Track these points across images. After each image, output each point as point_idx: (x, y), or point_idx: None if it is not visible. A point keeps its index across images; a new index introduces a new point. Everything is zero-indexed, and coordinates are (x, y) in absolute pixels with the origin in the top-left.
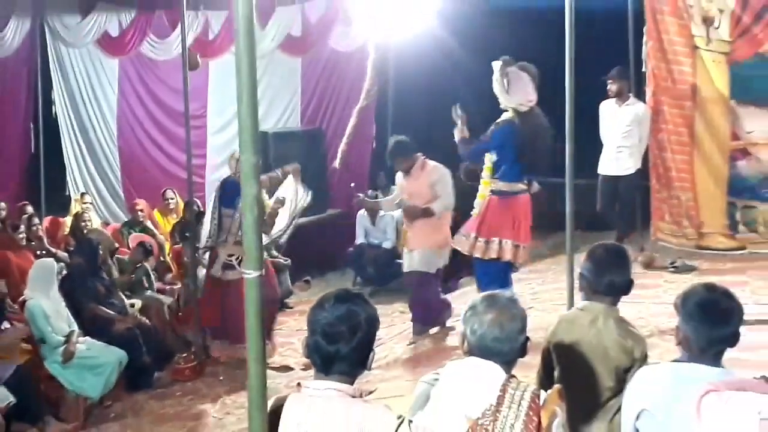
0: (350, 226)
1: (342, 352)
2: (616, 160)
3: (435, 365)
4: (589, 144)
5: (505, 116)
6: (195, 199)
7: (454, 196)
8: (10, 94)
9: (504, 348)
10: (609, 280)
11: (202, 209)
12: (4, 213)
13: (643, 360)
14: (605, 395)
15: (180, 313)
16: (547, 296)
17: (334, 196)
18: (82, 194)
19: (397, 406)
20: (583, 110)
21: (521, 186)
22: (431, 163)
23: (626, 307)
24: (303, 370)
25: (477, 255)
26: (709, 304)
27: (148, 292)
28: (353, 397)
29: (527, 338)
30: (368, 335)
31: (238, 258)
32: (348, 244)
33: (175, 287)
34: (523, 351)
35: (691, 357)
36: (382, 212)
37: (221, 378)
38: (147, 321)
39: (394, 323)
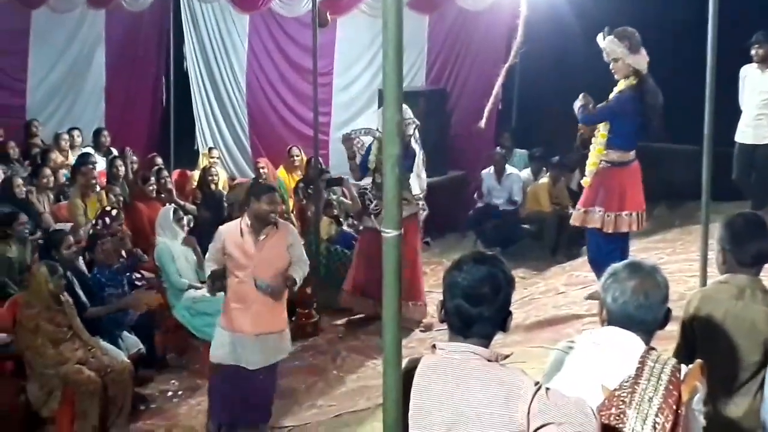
0: (470, 188)
1: (485, 314)
2: (755, 127)
3: (557, 332)
4: (725, 110)
5: (625, 83)
6: (318, 158)
7: None
8: (143, 47)
9: (647, 317)
10: (755, 250)
11: (325, 167)
12: (135, 165)
13: None
14: (751, 370)
15: None
16: (676, 267)
17: (454, 157)
18: (210, 149)
19: None
20: (720, 74)
21: (630, 155)
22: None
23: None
24: (422, 331)
25: (577, 224)
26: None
27: None
28: (489, 360)
29: (669, 309)
30: (508, 296)
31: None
32: (468, 205)
33: None
34: (664, 321)
35: None
36: (508, 170)
37: (340, 335)
38: None
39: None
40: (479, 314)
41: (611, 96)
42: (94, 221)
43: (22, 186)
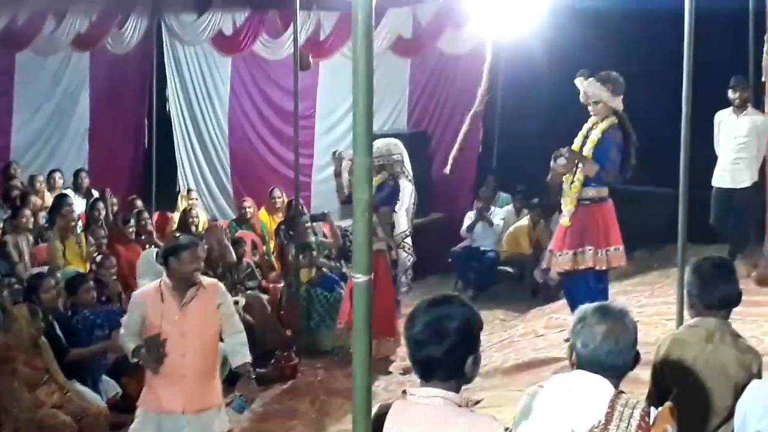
0: (452, 230)
1: (434, 357)
2: (732, 171)
3: (536, 375)
4: (702, 153)
5: (607, 122)
6: (300, 199)
7: None
8: (127, 90)
9: (617, 362)
10: (722, 294)
11: (305, 210)
12: (116, 207)
13: (759, 376)
14: (723, 415)
15: (281, 312)
16: (654, 309)
17: (436, 199)
18: (189, 191)
19: (499, 416)
20: (698, 118)
21: (606, 190)
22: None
23: (737, 325)
24: (402, 374)
25: (567, 268)
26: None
27: (251, 290)
28: (459, 406)
29: (638, 352)
30: (461, 338)
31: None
32: (449, 248)
33: (278, 286)
34: (633, 364)
35: None
36: (493, 210)
37: (319, 378)
38: (250, 318)
39: (495, 331)
40: (448, 358)
41: (595, 137)
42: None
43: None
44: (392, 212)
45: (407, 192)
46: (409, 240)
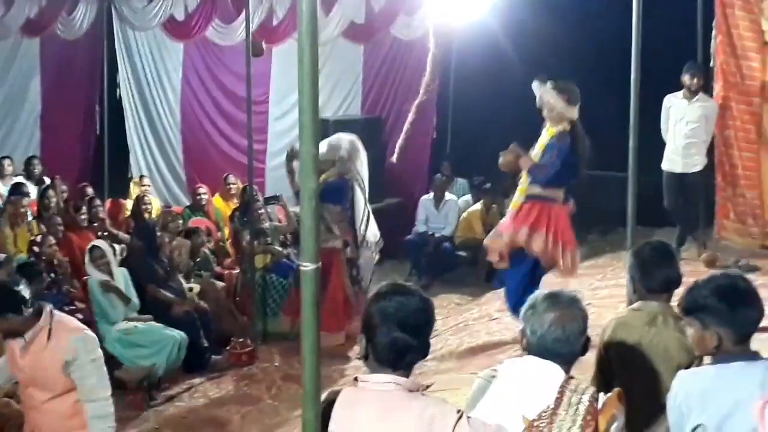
0: (407, 216)
1: (420, 343)
2: (684, 156)
3: (490, 358)
4: (650, 137)
5: (559, 128)
6: (254, 185)
7: None
8: (78, 76)
9: (564, 349)
10: (662, 277)
11: (259, 196)
12: (66, 195)
13: (701, 358)
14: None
15: (237, 298)
16: (606, 292)
17: (391, 185)
18: (141, 177)
19: (451, 400)
20: (647, 101)
21: (558, 193)
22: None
23: None
24: (358, 358)
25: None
26: (731, 288)
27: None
28: (411, 390)
29: (588, 338)
30: (427, 326)
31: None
32: (404, 233)
33: (234, 272)
34: (583, 350)
35: (727, 356)
36: (447, 196)
37: (276, 364)
38: (205, 305)
39: (450, 315)
40: (415, 344)
41: (544, 141)
42: (27, 256)
43: None
44: (344, 210)
45: (358, 198)
46: (373, 238)
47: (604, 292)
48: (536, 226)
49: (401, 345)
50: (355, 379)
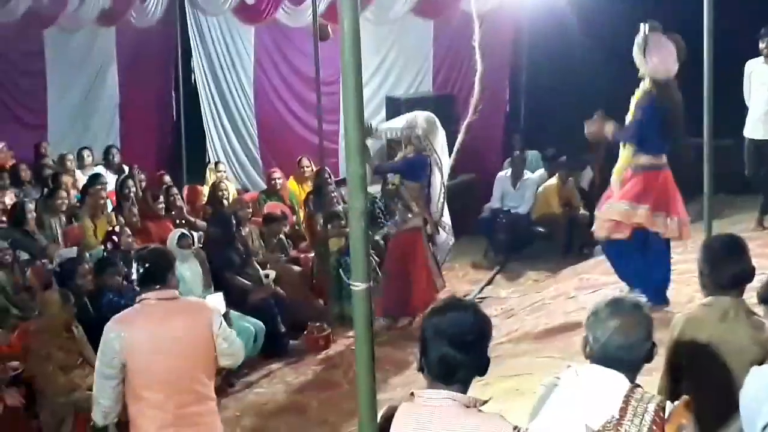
0: (481, 192)
1: (471, 361)
2: (765, 122)
3: (567, 340)
4: (732, 103)
5: (642, 88)
6: (326, 168)
7: None
8: (153, 63)
9: (627, 357)
10: (732, 273)
11: (332, 177)
12: (144, 183)
13: None
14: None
15: (314, 282)
16: (686, 267)
17: (464, 161)
18: (216, 163)
19: (525, 385)
20: (727, 69)
21: (664, 160)
22: None
23: None
24: (417, 371)
25: (615, 218)
26: None
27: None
28: (467, 407)
29: (653, 344)
30: (489, 343)
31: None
32: (479, 210)
33: (309, 256)
34: (648, 357)
35: None
36: (526, 174)
37: (353, 348)
38: (281, 290)
39: (527, 292)
40: (466, 361)
41: (633, 103)
42: (102, 246)
43: (33, 212)
44: (423, 188)
45: (436, 176)
46: (447, 220)
47: (683, 266)
48: (640, 199)
49: (451, 361)
50: (411, 393)
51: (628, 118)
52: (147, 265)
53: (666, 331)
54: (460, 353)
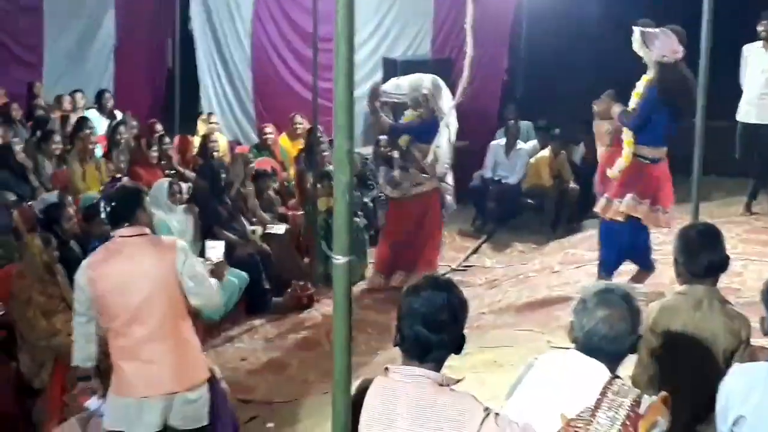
0: (474, 160)
1: (444, 340)
2: (758, 107)
3: (548, 314)
4: (726, 86)
5: (644, 79)
6: (318, 125)
7: None
8: (149, 8)
9: (611, 348)
10: (707, 261)
11: (325, 136)
12: (136, 131)
13: (747, 342)
14: (716, 382)
15: (301, 239)
16: (669, 249)
17: (459, 127)
18: (209, 114)
19: (504, 357)
20: (723, 52)
21: (664, 150)
22: None
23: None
24: (395, 345)
25: (610, 216)
26: None
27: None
28: (441, 385)
29: (639, 336)
30: (464, 322)
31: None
32: (470, 178)
33: (298, 213)
34: (632, 349)
35: None
36: (519, 144)
37: None
38: (267, 247)
39: (513, 264)
40: (439, 341)
41: (638, 89)
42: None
43: (23, 153)
44: (431, 148)
45: (443, 134)
46: (450, 180)
47: (668, 247)
48: (635, 192)
49: (424, 341)
50: (386, 369)
51: (631, 104)
52: (113, 203)
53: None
54: (433, 333)
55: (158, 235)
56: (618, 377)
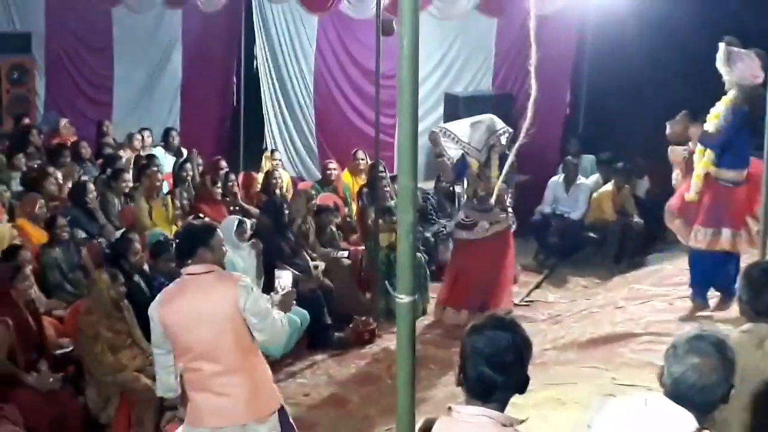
0: (537, 193)
1: (508, 381)
2: None
3: (611, 351)
4: None
5: (728, 97)
6: (380, 161)
7: None
8: (216, 48)
9: (699, 399)
10: None
11: (387, 172)
12: (201, 168)
13: None
14: None
15: (362, 275)
16: None
17: (520, 162)
18: (272, 151)
19: (567, 394)
20: None
21: (746, 173)
22: None
23: None
24: (457, 386)
25: (701, 246)
26: None
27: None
28: (504, 426)
29: (731, 386)
30: (528, 362)
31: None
32: (531, 212)
33: (360, 248)
34: (724, 400)
35: None
36: (579, 180)
37: None
38: (329, 282)
39: (576, 298)
40: (503, 382)
41: (718, 110)
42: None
43: (94, 192)
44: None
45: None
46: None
47: None
48: (722, 221)
49: (488, 381)
50: (449, 408)
51: (709, 126)
52: (178, 240)
53: None
54: (497, 373)
55: (226, 272)
56: (706, 428)
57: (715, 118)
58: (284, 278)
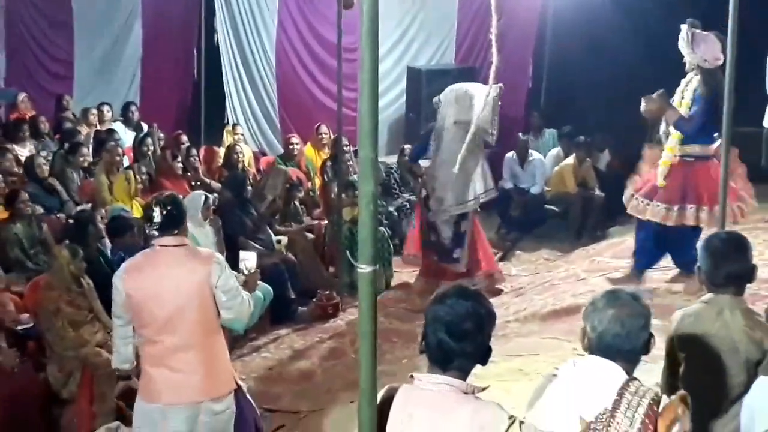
0: (501, 168)
1: (467, 349)
2: None
3: (572, 323)
4: (754, 93)
5: (694, 80)
6: (343, 135)
7: None
8: (176, 21)
9: (624, 346)
10: (727, 272)
11: (350, 146)
12: (162, 143)
13: None
14: (736, 391)
15: (326, 249)
16: None
17: None
18: (234, 125)
19: (530, 365)
20: (749, 59)
21: (713, 148)
22: None
23: None
24: (420, 352)
25: (663, 221)
26: None
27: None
28: (465, 393)
29: (651, 335)
30: (490, 332)
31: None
32: (497, 185)
33: (323, 223)
34: (646, 349)
35: None
36: (532, 155)
37: None
38: (292, 257)
39: (538, 271)
40: (461, 349)
41: (691, 92)
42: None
43: (43, 165)
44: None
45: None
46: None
47: None
48: (676, 198)
49: (447, 349)
50: (411, 376)
51: (681, 109)
52: (169, 208)
53: None
54: (456, 341)
55: (198, 247)
56: (635, 379)
57: (685, 105)
58: (250, 260)
